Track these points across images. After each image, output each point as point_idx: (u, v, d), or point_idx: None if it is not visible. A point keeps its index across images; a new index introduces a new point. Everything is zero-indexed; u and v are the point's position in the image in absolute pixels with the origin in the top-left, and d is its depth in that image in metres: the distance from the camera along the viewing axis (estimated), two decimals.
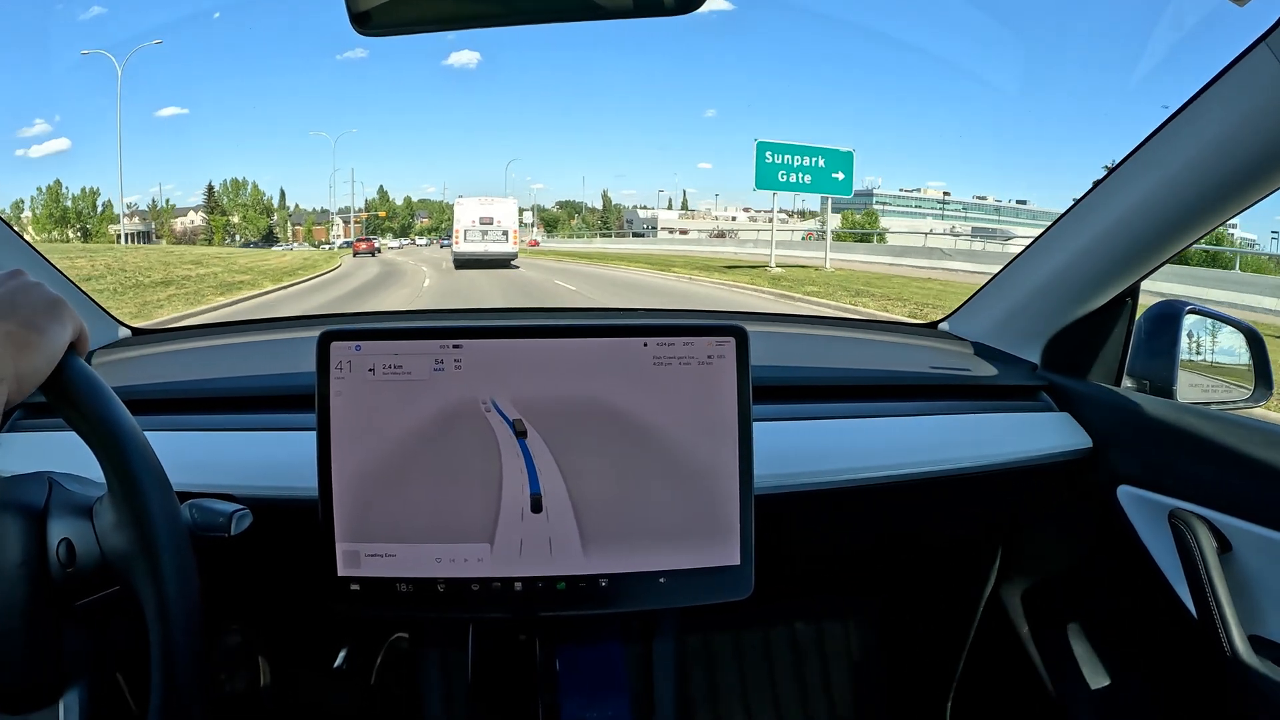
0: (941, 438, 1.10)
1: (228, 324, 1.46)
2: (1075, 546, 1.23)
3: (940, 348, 1.39)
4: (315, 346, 0.79)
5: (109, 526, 0.62)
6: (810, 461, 1.02)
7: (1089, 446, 1.12)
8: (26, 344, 0.57)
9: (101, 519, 0.63)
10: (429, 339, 0.80)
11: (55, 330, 0.60)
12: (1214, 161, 0.89)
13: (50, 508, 0.64)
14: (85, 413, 0.59)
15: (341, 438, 0.79)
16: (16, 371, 0.56)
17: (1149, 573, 1.04)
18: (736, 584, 0.83)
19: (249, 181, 49.59)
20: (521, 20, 0.92)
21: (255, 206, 49.82)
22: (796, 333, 1.57)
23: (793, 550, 1.18)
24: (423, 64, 73.38)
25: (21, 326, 0.58)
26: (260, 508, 0.82)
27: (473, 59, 69.12)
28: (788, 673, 1.49)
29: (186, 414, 1.04)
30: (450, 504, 0.80)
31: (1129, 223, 1.02)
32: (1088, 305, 1.14)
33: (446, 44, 66.29)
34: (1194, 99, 0.89)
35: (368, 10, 0.84)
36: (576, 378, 0.80)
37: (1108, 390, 1.15)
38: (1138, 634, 1.16)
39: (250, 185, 49.67)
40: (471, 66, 70.29)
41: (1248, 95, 0.83)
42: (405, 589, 0.80)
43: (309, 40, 70.63)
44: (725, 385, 0.81)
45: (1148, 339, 1.15)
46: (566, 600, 0.81)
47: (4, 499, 0.63)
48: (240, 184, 49.23)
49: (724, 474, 0.81)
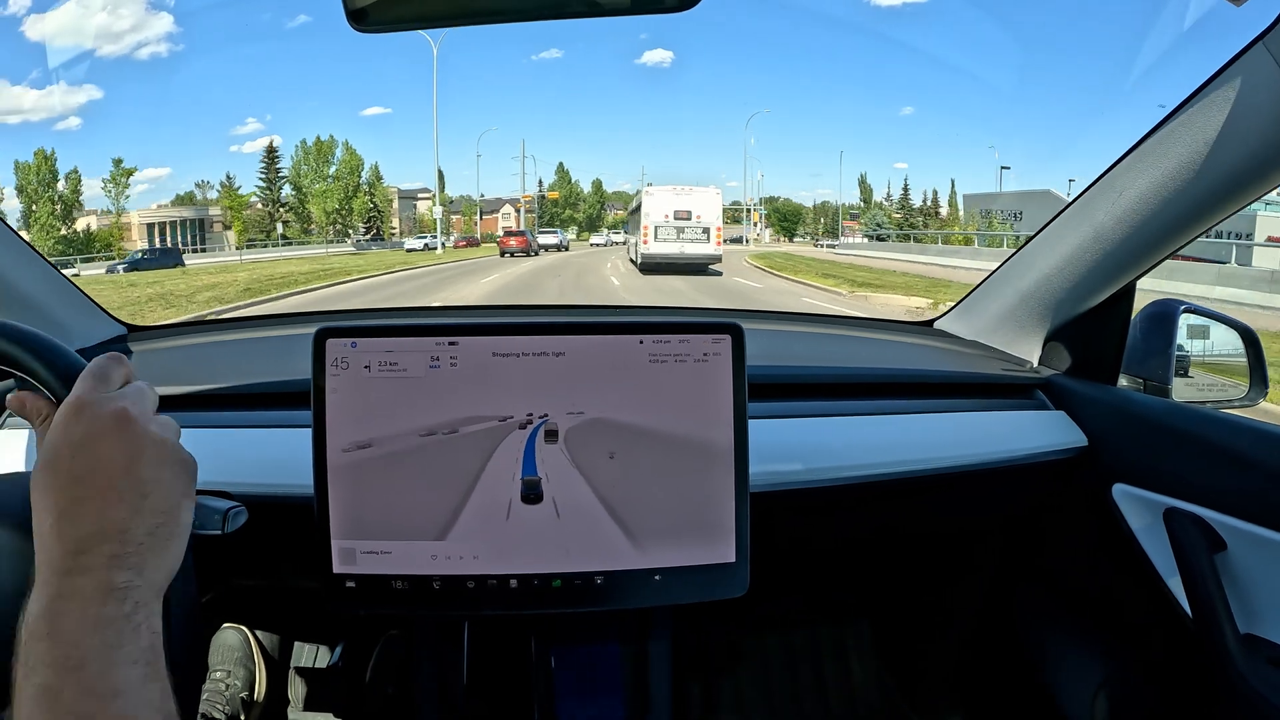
0: (937, 435, 1.10)
1: (224, 321, 1.46)
2: (1071, 544, 1.23)
3: (936, 346, 1.39)
4: (311, 343, 0.79)
5: None
6: (806, 459, 1.02)
7: (1084, 445, 1.12)
8: (168, 540, 0.48)
9: None
10: (425, 336, 0.79)
11: (188, 507, 0.52)
12: (1210, 161, 0.89)
13: None
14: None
15: (337, 434, 0.79)
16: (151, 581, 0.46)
17: (1144, 571, 1.04)
18: (732, 582, 0.82)
19: (337, 142, 37.96)
20: (516, 17, 0.92)
21: (348, 182, 37.77)
22: (792, 330, 1.57)
23: (788, 548, 1.19)
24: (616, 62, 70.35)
25: (165, 517, 0.48)
26: (256, 504, 0.81)
27: (666, 57, 65.69)
28: (784, 671, 1.49)
29: (182, 410, 1.04)
30: (446, 501, 0.79)
31: (1125, 221, 1.02)
32: (1084, 303, 1.14)
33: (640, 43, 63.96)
34: (1191, 98, 0.89)
35: (364, 7, 0.84)
36: (573, 375, 0.80)
37: (1104, 389, 1.15)
38: (1133, 632, 1.16)
39: (341, 146, 37.97)
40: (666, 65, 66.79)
41: (1245, 95, 0.83)
42: (401, 586, 0.80)
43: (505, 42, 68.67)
44: (721, 383, 0.81)
45: (1144, 338, 1.15)
46: (562, 598, 0.81)
47: (15, 504, 0.62)
48: (326, 146, 37.65)
49: (719, 471, 0.81)
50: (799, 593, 1.47)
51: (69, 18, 32.57)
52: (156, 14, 38.10)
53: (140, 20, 36.30)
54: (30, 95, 33.83)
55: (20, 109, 33.54)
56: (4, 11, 30.97)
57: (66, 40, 34.04)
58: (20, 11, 31.57)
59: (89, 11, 32.89)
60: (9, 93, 32.95)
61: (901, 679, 1.50)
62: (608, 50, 68.76)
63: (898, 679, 1.50)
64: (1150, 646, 1.13)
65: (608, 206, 48.22)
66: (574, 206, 47.40)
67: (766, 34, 65.12)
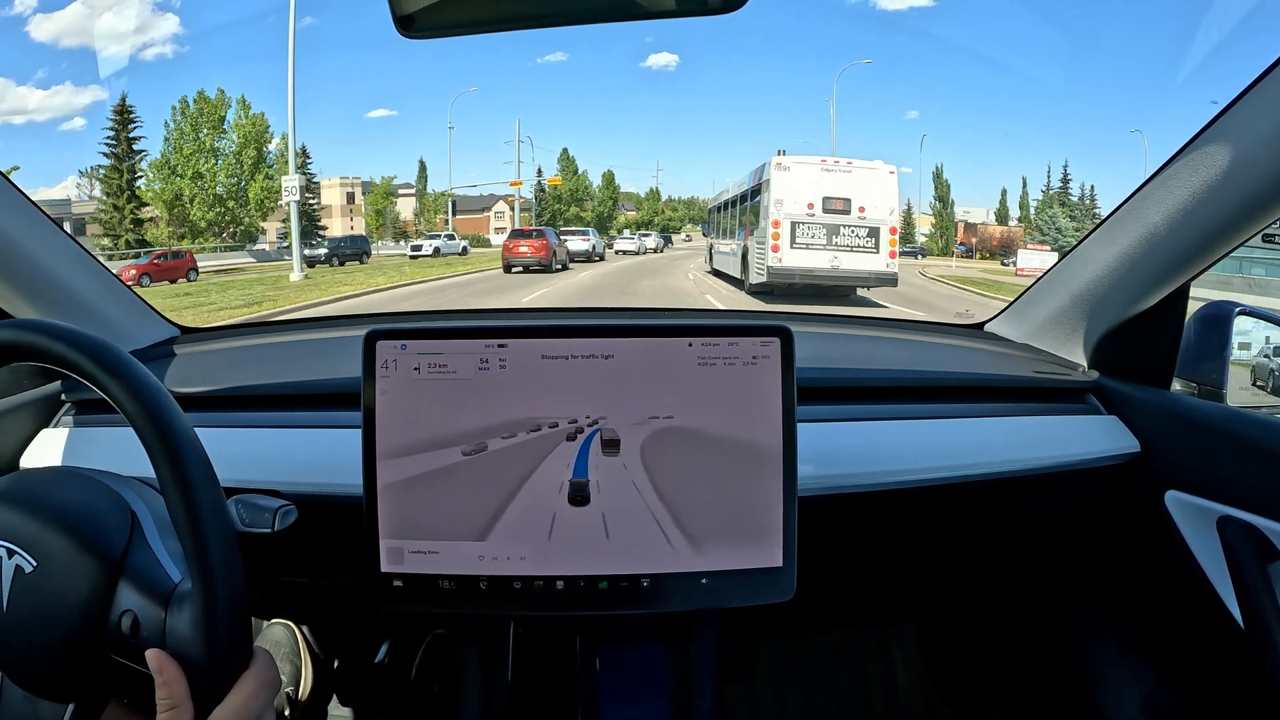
0: (987, 440, 1.08)
1: (274, 323, 1.49)
2: (1120, 552, 1.20)
3: (987, 349, 1.37)
4: (361, 345, 0.80)
5: (184, 631, 0.60)
6: (854, 463, 1.01)
7: (1137, 450, 1.09)
8: None
9: (178, 619, 0.61)
10: (474, 338, 0.80)
11: None
12: (1265, 157, 0.86)
13: (127, 562, 0.64)
14: (140, 411, 0.60)
15: (386, 435, 0.80)
16: None
17: (1196, 581, 1.01)
18: (778, 586, 0.82)
19: (229, 100, 26.16)
20: (562, 21, 0.92)
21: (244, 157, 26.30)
22: (841, 333, 1.56)
23: (835, 552, 1.17)
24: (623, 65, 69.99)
25: None
26: (305, 503, 0.83)
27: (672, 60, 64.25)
28: (827, 677, 1.48)
29: (234, 410, 1.06)
30: (493, 502, 0.80)
31: (1179, 221, 1.00)
32: (1137, 305, 1.11)
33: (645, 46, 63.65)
34: (1244, 94, 0.86)
35: (411, 14, 0.85)
36: (621, 378, 0.80)
37: (1157, 393, 1.12)
38: (1183, 643, 1.13)
39: (235, 104, 26.34)
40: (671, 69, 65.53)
41: None
42: (447, 586, 0.81)
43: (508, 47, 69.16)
44: (770, 386, 0.81)
45: (1198, 340, 1.12)
46: (608, 600, 0.81)
47: (86, 524, 0.64)
48: (212, 102, 25.89)
49: (768, 475, 0.81)
50: (843, 597, 1.46)
51: (74, 18, 32.90)
52: (162, 15, 38.10)
53: (146, 21, 36.29)
54: (35, 95, 34.14)
55: (24, 109, 33.85)
56: (9, 12, 31.22)
57: (71, 41, 34.50)
58: (26, 11, 31.87)
59: (94, 12, 33.05)
60: (14, 93, 33.30)
61: (944, 685, 1.48)
62: (615, 54, 68.34)
63: (940, 685, 1.48)
64: (1200, 657, 1.10)
65: (620, 206, 42.44)
66: (581, 204, 39.09)
67: None
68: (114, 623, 0.62)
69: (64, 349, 0.61)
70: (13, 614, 0.62)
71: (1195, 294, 1.10)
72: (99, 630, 0.62)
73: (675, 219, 47.16)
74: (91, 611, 0.61)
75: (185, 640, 0.60)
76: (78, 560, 0.62)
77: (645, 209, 44.10)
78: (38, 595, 0.61)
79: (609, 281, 16.00)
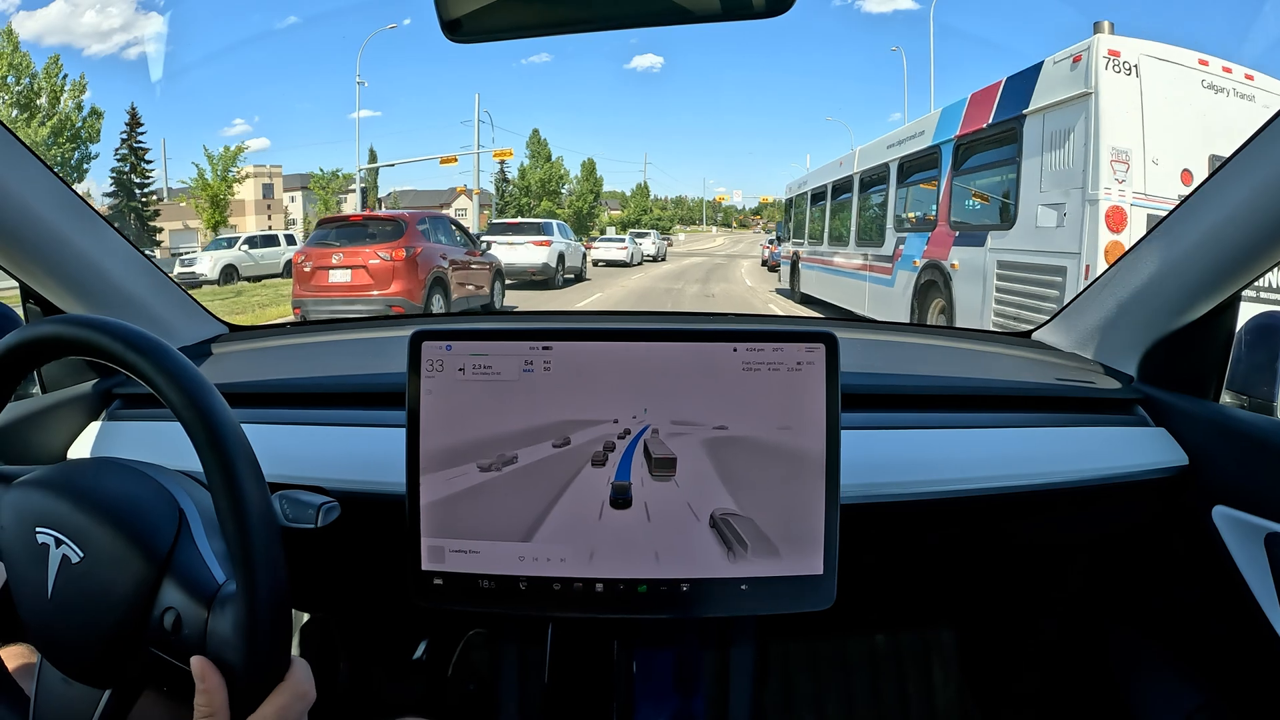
0: (1032, 451, 1.06)
1: (319, 322, 1.52)
2: (1166, 567, 1.18)
3: (1033, 358, 1.35)
4: (406, 345, 0.81)
5: (225, 633, 0.61)
6: (897, 472, 1.00)
7: (1185, 464, 1.07)
8: None
9: (220, 621, 0.61)
10: (519, 340, 0.81)
11: None
12: None
13: (173, 560, 0.64)
14: (189, 407, 0.60)
15: (430, 435, 0.81)
16: None
17: (1243, 598, 0.99)
18: (818, 594, 0.82)
19: None
20: (608, 25, 0.93)
21: None
22: (887, 340, 1.54)
23: (875, 561, 1.16)
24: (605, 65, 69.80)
25: None
26: (348, 500, 0.84)
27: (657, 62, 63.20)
28: (865, 686, 1.46)
29: (279, 408, 1.08)
30: (536, 503, 0.81)
31: (1229, 229, 0.97)
32: (1186, 316, 1.09)
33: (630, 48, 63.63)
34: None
35: (458, 18, 0.86)
36: (665, 382, 0.80)
37: (1206, 405, 1.10)
38: (1228, 661, 1.11)
39: None
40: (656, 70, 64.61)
41: None
42: (487, 585, 0.82)
43: None
44: (814, 392, 0.80)
45: (1248, 351, 1.09)
46: (647, 603, 0.81)
47: (134, 518, 0.65)
48: None
49: (810, 482, 0.80)
50: (882, 606, 1.44)
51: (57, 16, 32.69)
52: (145, 14, 38.00)
53: (129, 20, 36.15)
54: None
55: None
56: None
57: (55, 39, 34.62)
58: (9, 9, 31.68)
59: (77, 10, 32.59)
60: None
61: (982, 697, 1.46)
62: (598, 55, 68.40)
63: (979, 697, 1.46)
64: (1246, 676, 1.07)
65: (603, 203, 35.22)
66: (554, 196, 31.93)
67: None
68: (156, 618, 0.62)
69: (114, 344, 0.62)
70: (57, 602, 0.63)
71: None
72: (141, 625, 0.62)
73: (665, 218, 45.27)
74: (135, 606, 0.62)
75: (225, 643, 0.60)
76: (125, 555, 0.63)
77: (632, 206, 39.59)
78: (83, 586, 0.62)
79: None
